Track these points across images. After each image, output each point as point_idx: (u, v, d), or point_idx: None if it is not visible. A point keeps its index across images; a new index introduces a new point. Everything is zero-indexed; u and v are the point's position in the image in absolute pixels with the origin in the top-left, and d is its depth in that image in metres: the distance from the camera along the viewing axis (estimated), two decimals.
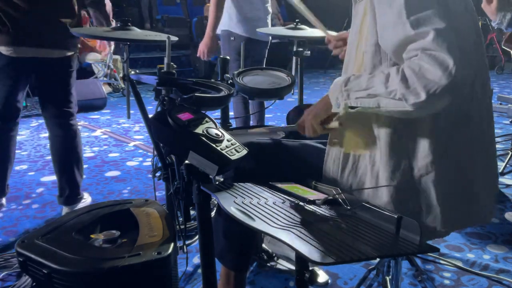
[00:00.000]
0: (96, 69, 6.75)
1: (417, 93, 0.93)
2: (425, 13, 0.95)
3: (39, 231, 1.25)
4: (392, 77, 0.98)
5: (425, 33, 0.94)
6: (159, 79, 1.41)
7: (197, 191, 1.13)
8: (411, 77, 0.94)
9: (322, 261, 0.73)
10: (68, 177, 2.38)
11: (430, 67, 0.92)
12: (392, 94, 0.97)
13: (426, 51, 0.93)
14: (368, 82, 1.03)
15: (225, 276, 1.43)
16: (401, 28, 0.97)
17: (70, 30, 2.06)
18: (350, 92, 1.07)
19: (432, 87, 0.92)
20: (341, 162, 1.18)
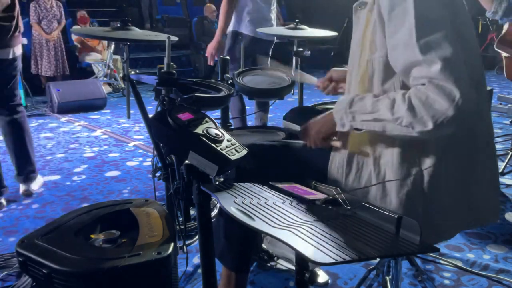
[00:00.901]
0: (96, 69, 6.75)
1: (424, 123, 0.96)
2: (435, 36, 0.96)
3: (39, 231, 1.25)
4: (398, 104, 0.99)
5: (433, 61, 0.94)
6: (159, 79, 1.41)
7: (197, 191, 1.13)
8: (418, 106, 0.96)
9: (322, 261, 0.73)
10: (24, 157, 2.69)
11: (437, 97, 0.93)
12: (399, 121, 0.99)
13: (433, 80, 0.94)
14: (373, 106, 1.04)
15: (226, 277, 1.43)
16: (410, 50, 0.97)
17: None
18: (355, 114, 1.08)
19: (439, 117, 0.94)
20: (344, 170, 1.18)
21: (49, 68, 6.45)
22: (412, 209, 1.09)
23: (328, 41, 7.95)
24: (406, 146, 1.08)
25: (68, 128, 4.63)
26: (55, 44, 6.46)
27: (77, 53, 6.98)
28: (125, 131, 4.48)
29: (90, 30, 2.48)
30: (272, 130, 2.01)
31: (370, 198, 1.13)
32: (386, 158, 1.10)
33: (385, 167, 1.11)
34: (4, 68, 2.51)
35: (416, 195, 1.08)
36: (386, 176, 1.10)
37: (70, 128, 4.63)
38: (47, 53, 6.41)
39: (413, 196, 1.08)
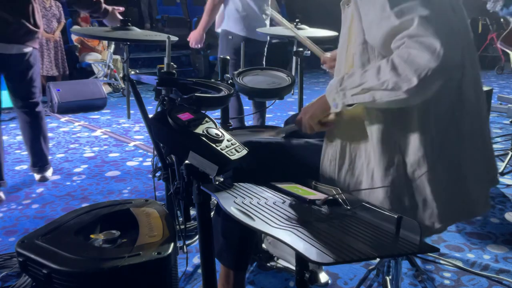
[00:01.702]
0: (96, 69, 6.75)
1: (409, 79, 0.94)
2: (408, 3, 0.96)
3: (39, 231, 1.25)
4: (382, 68, 1.00)
5: (410, 21, 0.95)
6: (159, 79, 1.41)
7: (197, 191, 1.13)
8: (400, 64, 0.96)
9: (322, 261, 0.73)
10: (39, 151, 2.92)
11: (418, 52, 0.93)
12: (385, 85, 0.99)
13: (412, 37, 0.94)
14: (361, 77, 1.05)
15: (224, 275, 1.43)
16: (386, 20, 0.98)
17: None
18: (345, 90, 1.08)
19: (422, 70, 0.93)
20: (337, 162, 1.18)
21: (50, 67, 6.45)
22: (399, 201, 1.09)
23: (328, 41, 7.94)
24: (385, 134, 1.08)
25: (68, 128, 4.63)
26: (55, 44, 6.46)
27: (77, 53, 6.98)
28: (125, 131, 4.48)
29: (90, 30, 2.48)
30: (272, 130, 2.01)
31: (360, 191, 1.13)
32: (369, 148, 1.11)
33: (371, 157, 1.11)
34: (19, 63, 2.62)
35: (401, 185, 1.08)
36: (375, 168, 1.11)
37: (70, 128, 4.63)
38: (47, 52, 6.41)
39: (398, 186, 1.08)
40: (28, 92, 2.75)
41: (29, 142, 2.87)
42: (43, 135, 2.90)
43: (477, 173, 1.13)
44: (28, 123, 2.82)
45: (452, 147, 1.09)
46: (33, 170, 3.01)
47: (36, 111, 2.82)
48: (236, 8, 3.03)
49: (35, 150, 2.91)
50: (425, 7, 0.95)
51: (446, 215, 1.10)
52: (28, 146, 2.90)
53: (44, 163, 2.99)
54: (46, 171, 3.03)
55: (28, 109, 2.79)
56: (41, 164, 2.98)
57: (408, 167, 1.08)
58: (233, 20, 3.05)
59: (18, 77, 2.69)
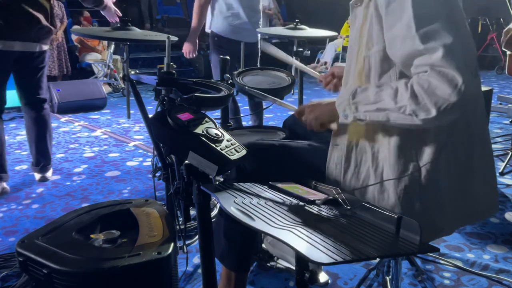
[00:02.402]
0: (96, 69, 6.75)
1: (428, 110, 0.96)
2: (434, 26, 0.96)
3: (39, 231, 1.25)
4: (401, 92, 1.00)
5: (434, 49, 0.95)
6: (159, 79, 1.41)
7: (197, 191, 1.13)
8: (420, 93, 0.96)
9: (322, 261, 0.73)
10: (43, 149, 2.91)
11: (439, 84, 0.94)
12: (402, 110, 0.99)
13: (435, 67, 0.95)
14: (376, 96, 1.04)
15: (226, 277, 1.43)
16: (410, 41, 0.98)
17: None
18: (358, 105, 1.08)
19: (442, 104, 0.94)
20: (342, 165, 1.18)
21: (53, 67, 6.45)
22: (410, 205, 1.09)
23: None
24: (403, 141, 1.08)
25: (68, 128, 4.63)
26: (58, 43, 6.47)
27: (77, 53, 6.98)
28: (125, 131, 4.48)
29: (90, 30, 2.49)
30: (272, 130, 2.01)
31: (368, 194, 1.13)
32: (384, 154, 1.11)
33: (383, 162, 1.11)
34: (30, 61, 2.67)
35: (413, 191, 1.08)
36: (384, 172, 1.11)
37: (70, 128, 4.63)
38: (50, 52, 6.41)
39: (410, 191, 1.08)
40: (39, 88, 2.80)
41: (35, 139, 2.87)
42: (49, 133, 2.92)
43: (486, 175, 1.14)
44: (35, 119, 2.83)
45: (464, 150, 1.10)
46: (34, 169, 2.99)
47: (44, 107, 2.85)
48: (220, 9, 3.02)
49: (40, 148, 2.90)
50: (449, 32, 0.95)
51: (456, 218, 1.11)
52: (33, 144, 2.90)
53: (47, 162, 2.99)
54: (48, 171, 3.02)
55: (37, 105, 2.82)
56: (44, 164, 2.97)
57: (422, 173, 1.08)
58: (218, 21, 3.04)
59: (32, 74, 2.74)
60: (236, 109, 3.12)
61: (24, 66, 2.69)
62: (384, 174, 1.11)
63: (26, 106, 2.83)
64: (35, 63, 2.71)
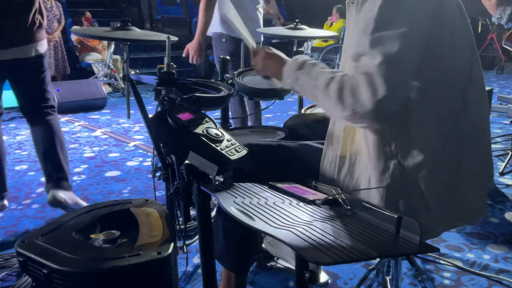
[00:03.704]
0: (96, 69, 6.75)
1: (345, 108, 1.00)
2: (387, 32, 0.97)
3: (39, 231, 1.25)
4: (334, 81, 1.03)
5: (376, 56, 0.96)
6: (159, 79, 1.41)
7: (197, 191, 1.13)
8: (346, 91, 1.00)
9: (322, 261, 0.73)
10: (54, 162, 2.38)
11: (364, 90, 0.96)
12: (327, 98, 1.04)
13: (368, 73, 0.97)
14: (317, 75, 1.09)
15: (225, 278, 1.43)
16: (363, 41, 1.00)
17: None
18: (299, 76, 1.13)
19: (357, 108, 0.98)
20: (337, 165, 1.18)
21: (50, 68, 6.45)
22: (394, 204, 1.08)
23: None
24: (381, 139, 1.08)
25: (68, 128, 4.63)
26: (55, 44, 6.46)
27: (77, 53, 6.98)
28: (125, 131, 4.48)
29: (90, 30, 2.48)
30: (272, 129, 2.01)
31: (360, 193, 1.13)
32: (365, 152, 1.11)
33: (366, 162, 1.11)
34: (27, 68, 2.27)
35: (396, 190, 1.08)
36: (369, 171, 1.11)
37: (70, 128, 4.63)
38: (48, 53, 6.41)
39: (393, 190, 1.07)
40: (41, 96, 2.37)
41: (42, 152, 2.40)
42: (59, 143, 2.42)
43: (475, 178, 1.13)
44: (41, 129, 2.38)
45: (452, 152, 1.08)
46: (46, 187, 2.42)
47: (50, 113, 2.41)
48: None
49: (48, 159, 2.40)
50: (398, 42, 0.96)
51: (441, 220, 1.10)
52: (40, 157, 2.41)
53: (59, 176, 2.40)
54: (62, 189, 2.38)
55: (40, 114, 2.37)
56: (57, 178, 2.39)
57: (405, 172, 1.07)
58: (225, 22, 2.94)
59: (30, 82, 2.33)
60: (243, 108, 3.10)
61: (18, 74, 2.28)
62: (371, 174, 1.10)
63: (27, 116, 2.40)
64: (31, 69, 2.29)
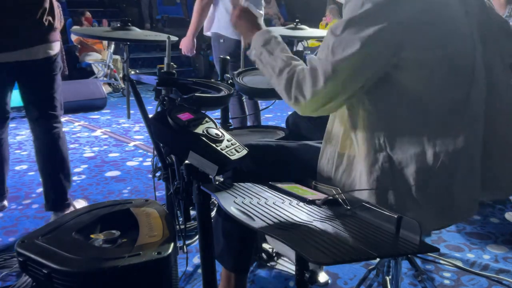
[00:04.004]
0: (96, 69, 6.75)
1: (290, 97, 1.10)
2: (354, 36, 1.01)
3: (39, 231, 1.25)
4: (288, 68, 1.11)
5: (330, 55, 1.03)
6: (159, 79, 1.41)
7: (197, 191, 1.13)
8: (294, 81, 1.09)
9: (322, 261, 0.73)
10: (52, 182, 2.24)
11: (308, 83, 1.06)
12: (279, 81, 1.13)
13: (317, 70, 1.05)
14: (278, 54, 1.17)
15: (225, 278, 1.43)
16: (330, 36, 1.05)
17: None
18: (263, 51, 1.20)
19: (298, 97, 1.08)
20: (335, 161, 1.18)
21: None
22: (384, 198, 1.08)
23: None
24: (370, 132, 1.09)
25: (68, 128, 4.63)
26: None
27: (77, 53, 6.98)
28: (125, 131, 4.48)
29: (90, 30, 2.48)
30: (272, 129, 2.01)
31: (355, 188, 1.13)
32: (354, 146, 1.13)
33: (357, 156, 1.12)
34: (34, 71, 2.15)
35: (386, 182, 1.08)
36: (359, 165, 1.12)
37: (70, 128, 4.63)
38: None
39: (382, 182, 1.08)
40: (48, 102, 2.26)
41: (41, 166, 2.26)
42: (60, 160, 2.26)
43: (466, 179, 1.11)
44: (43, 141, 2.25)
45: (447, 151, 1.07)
46: (46, 207, 2.28)
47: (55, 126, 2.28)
48: (226, 9, 2.93)
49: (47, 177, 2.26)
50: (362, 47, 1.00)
51: (432, 215, 1.10)
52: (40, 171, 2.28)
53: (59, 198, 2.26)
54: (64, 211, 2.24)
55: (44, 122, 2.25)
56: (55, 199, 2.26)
57: (395, 164, 1.08)
58: (224, 23, 2.95)
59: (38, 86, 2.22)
60: (242, 108, 3.11)
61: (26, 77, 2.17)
62: (360, 166, 1.11)
63: (31, 123, 2.26)
64: (38, 72, 2.17)
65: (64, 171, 2.27)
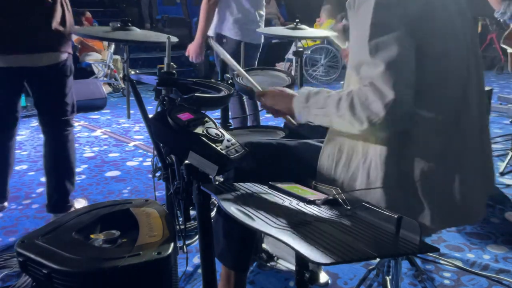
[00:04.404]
0: (96, 69, 6.75)
1: (361, 121, 1.03)
2: (384, 37, 0.99)
3: (39, 231, 1.25)
4: (342, 102, 1.06)
5: (377, 64, 0.99)
6: (159, 79, 1.41)
7: (197, 191, 1.13)
8: (357, 106, 1.03)
9: (322, 261, 0.73)
10: (57, 184, 2.26)
11: (374, 99, 1.00)
12: (342, 118, 1.07)
13: (374, 82, 1.00)
14: (324, 101, 1.12)
15: (225, 276, 1.43)
16: (362, 50, 1.02)
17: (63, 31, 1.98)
18: (310, 108, 1.15)
19: (373, 118, 1.01)
20: (335, 157, 1.19)
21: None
22: (395, 202, 1.09)
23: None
24: (391, 140, 1.09)
25: None
26: None
27: (77, 53, 6.98)
28: (125, 131, 4.48)
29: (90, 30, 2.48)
30: (272, 129, 2.01)
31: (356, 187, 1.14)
32: (373, 150, 1.12)
33: (371, 157, 1.12)
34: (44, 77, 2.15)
35: (399, 186, 1.09)
36: (372, 165, 1.12)
37: None
38: None
39: (394, 189, 1.09)
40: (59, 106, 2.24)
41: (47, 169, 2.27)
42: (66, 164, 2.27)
43: (476, 179, 1.13)
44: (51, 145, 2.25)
45: (455, 151, 1.09)
46: (47, 208, 2.30)
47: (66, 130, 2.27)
48: (230, 10, 2.93)
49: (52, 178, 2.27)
50: (400, 44, 0.98)
51: (440, 219, 1.11)
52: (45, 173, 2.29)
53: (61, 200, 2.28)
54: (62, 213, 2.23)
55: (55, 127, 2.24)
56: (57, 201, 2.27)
57: (407, 171, 1.08)
58: (227, 23, 2.94)
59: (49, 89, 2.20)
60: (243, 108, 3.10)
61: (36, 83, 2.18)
62: (372, 168, 1.11)
63: (42, 126, 2.27)
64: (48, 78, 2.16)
65: (69, 174, 2.29)
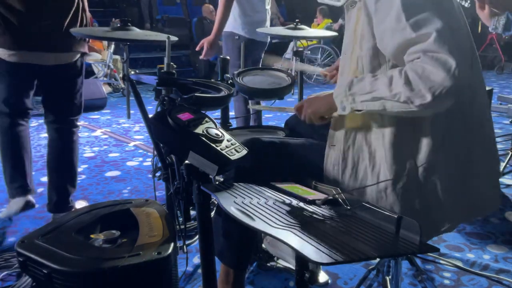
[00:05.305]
0: (96, 69, 6.75)
1: (423, 95, 0.95)
2: (423, 15, 0.97)
3: (39, 231, 1.25)
4: (395, 80, 1.00)
5: (426, 35, 0.95)
6: (159, 79, 1.41)
7: (197, 191, 1.13)
8: (415, 79, 0.96)
9: (322, 261, 0.73)
10: (58, 184, 2.27)
11: (433, 69, 0.93)
12: (397, 97, 0.99)
13: (428, 52, 0.95)
14: (372, 85, 1.04)
15: (224, 274, 1.44)
16: (401, 32, 0.99)
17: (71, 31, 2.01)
18: (355, 96, 1.08)
19: (437, 89, 0.93)
20: (340, 166, 1.18)
21: None
22: (410, 203, 1.09)
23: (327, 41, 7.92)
24: (397, 140, 1.08)
25: None
26: None
27: None
28: (125, 131, 4.48)
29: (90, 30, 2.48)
30: (272, 129, 2.01)
31: (366, 194, 1.13)
32: (380, 153, 1.11)
33: (380, 161, 1.11)
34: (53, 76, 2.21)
35: (412, 189, 1.09)
36: (381, 171, 1.11)
37: None
38: None
39: (409, 189, 1.08)
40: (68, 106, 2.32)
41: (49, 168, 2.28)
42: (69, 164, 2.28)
43: (487, 170, 1.14)
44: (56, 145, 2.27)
45: (464, 146, 1.10)
46: (47, 208, 2.31)
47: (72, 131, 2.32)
48: (243, 9, 2.97)
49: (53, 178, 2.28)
50: (440, 18, 0.96)
51: (457, 214, 1.11)
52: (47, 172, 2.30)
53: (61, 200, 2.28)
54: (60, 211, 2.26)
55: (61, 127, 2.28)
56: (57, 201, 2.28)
57: (420, 171, 1.08)
58: (239, 22, 2.98)
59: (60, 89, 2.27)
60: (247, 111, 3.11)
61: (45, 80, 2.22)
62: (381, 173, 1.11)
63: (47, 124, 2.30)
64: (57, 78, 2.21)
65: (71, 175, 2.30)
